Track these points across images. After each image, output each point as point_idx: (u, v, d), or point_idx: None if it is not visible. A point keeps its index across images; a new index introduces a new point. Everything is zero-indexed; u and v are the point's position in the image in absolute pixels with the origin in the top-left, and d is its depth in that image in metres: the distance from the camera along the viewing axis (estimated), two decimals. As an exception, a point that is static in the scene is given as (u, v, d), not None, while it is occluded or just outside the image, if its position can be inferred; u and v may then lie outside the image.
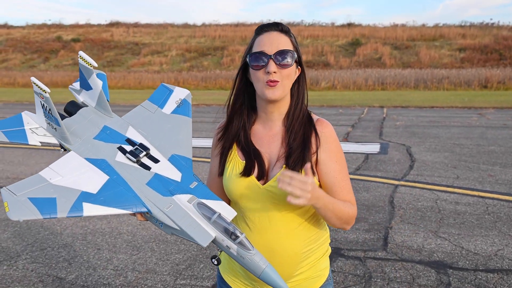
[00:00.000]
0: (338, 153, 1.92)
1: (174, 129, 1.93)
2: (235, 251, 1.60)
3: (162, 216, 1.63)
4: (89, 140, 1.84)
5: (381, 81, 35.75)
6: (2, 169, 9.23)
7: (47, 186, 1.62)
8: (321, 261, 2.01)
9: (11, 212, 1.50)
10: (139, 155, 1.77)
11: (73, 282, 4.40)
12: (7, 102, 27.72)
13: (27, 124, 1.92)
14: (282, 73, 1.82)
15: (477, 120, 16.49)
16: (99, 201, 1.61)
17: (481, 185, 7.64)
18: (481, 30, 50.77)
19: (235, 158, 1.93)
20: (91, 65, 1.83)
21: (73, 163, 1.74)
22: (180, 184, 1.72)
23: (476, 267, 4.62)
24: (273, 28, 1.87)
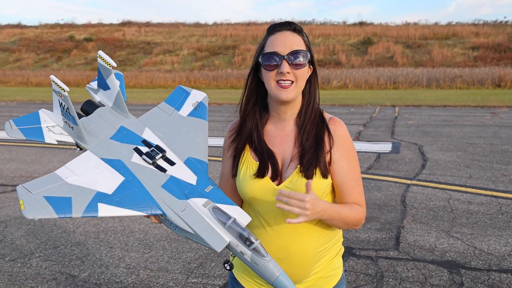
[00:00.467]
0: (350, 153, 1.91)
1: (190, 132, 1.92)
2: (249, 257, 1.60)
3: (177, 219, 1.62)
4: (105, 140, 1.83)
5: (393, 80, 35.54)
6: (16, 167, 9.30)
7: (63, 185, 1.62)
8: (335, 260, 2.01)
9: (27, 210, 1.51)
10: (155, 157, 1.77)
11: (86, 280, 4.44)
12: (21, 101, 27.90)
13: (44, 122, 1.92)
14: (295, 74, 1.81)
15: (490, 119, 16.35)
16: (114, 202, 1.61)
17: (494, 185, 7.59)
18: (494, 28, 50.28)
19: (248, 159, 1.92)
20: (110, 65, 1.83)
21: (89, 163, 1.74)
22: (196, 188, 1.71)
23: (489, 267, 4.59)
24: (286, 28, 1.86)
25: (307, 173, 1.81)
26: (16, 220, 6.13)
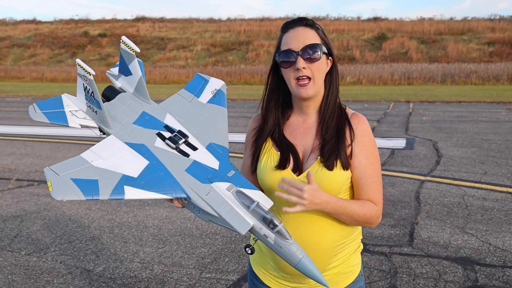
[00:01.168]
0: (370, 149, 1.91)
1: (211, 118, 1.94)
2: (272, 240, 1.60)
3: (201, 202, 1.63)
4: (128, 124, 1.85)
5: (407, 76, 35.34)
6: (31, 162, 9.38)
7: (89, 168, 1.63)
8: (353, 256, 2.01)
9: (55, 192, 1.52)
10: (178, 141, 1.78)
11: (101, 274, 4.47)
12: (36, 96, 28.10)
13: (67, 106, 1.94)
14: (312, 68, 1.83)
15: (506, 115, 16.21)
16: (140, 185, 1.62)
17: (509, 181, 7.53)
18: (511, 23, 49.74)
19: (270, 150, 1.94)
20: (133, 50, 1.83)
21: (114, 147, 1.75)
22: (218, 172, 1.72)
23: (504, 264, 4.57)
24: (298, 24, 1.87)
25: (327, 163, 1.81)
26: (32, 214, 6.19)
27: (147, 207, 6.47)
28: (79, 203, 6.65)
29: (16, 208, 6.47)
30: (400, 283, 4.21)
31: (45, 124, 15.16)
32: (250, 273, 2.17)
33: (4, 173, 8.49)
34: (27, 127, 14.62)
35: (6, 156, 10.05)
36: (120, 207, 6.46)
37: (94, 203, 6.65)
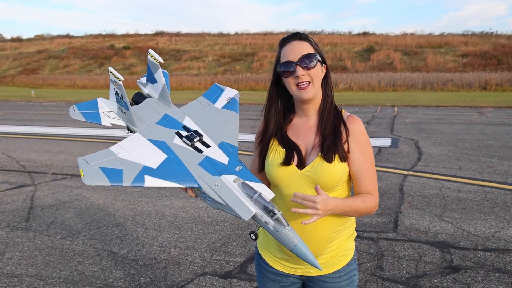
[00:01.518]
0: (365, 146, 1.92)
1: (224, 121, 1.97)
2: (272, 226, 1.61)
3: (211, 192, 1.66)
4: (152, 124, 1.88)
5: (392, 83, 35.26)
6: (65, 159, 9.40)
7: (116, 159, 1.67)
8: (347, 242, 2.01)
9: (86, 177, 1.56)
10: (193, 139, 1.81)
11: (125, 256, 4.48)
12: (69, 102, 28.22)
13: (101, 108, 1.98)
14: (310, 74, 1.84)
15: (478, 118, 16.15)
16: (158, 175, 1.65)
17: (480, 175, 7.50)
18: (481, 38, 49.60)
19: (276, 147, 1.95)
20: (158, 61, 1.87)
21: (138, 142, 1.79)
22: (227, 167, 1.74)
23: (476, 247, 4.55)
24: (293, 38, 1.88)
25: (327, 156, 1.83)
26: (65, 204, 6.21)
27: (165, 198, 6.47)
28: (106, 194, 6.67)
29: (52, 198, 6.49)
30: (386, 264, 4.20)
31: (80, 124, 15.24)
32: (257, 256, 2.17)
33: (42, 168, 8.52)
34: (62, 128, 14.67)
35: (44, 153, 10.08)
36: (141, 198, 6.47)
37: (118, 194, 6.67)
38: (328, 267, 1.97)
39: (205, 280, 3.95)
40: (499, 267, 4.10)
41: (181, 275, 4.04)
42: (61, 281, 3.94)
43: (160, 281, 3.93)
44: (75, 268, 4.21)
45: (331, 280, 1.99)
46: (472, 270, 4.04)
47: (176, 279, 3.97)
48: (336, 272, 1.99)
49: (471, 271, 4.03)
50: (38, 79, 47.82)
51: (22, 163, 8.96)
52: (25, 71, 52.96)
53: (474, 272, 4.01)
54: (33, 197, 6.55)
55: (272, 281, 2.08)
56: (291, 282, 2.05)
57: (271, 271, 2.07)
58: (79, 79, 45.69)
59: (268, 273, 2.09)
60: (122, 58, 54.60)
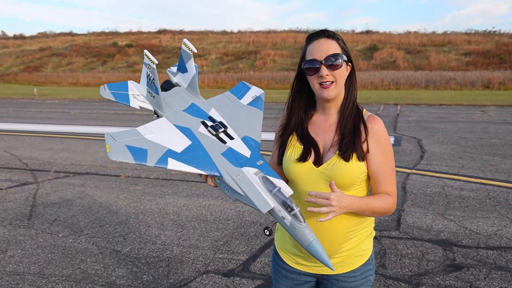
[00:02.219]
0: (386, 147, 1.89)
1: (248, 117, 1.98)
2: (288, 222, 1.61)
3: (231, 182, 1.66)
4: (179, 111, 1.90)
5: (395, 82, 35.19)
6: (67, 157, 9.42)
7: (141, 140, 1.68)
8: (365, 242, 2.00)
9: (111, 152, 1.58)
10: (218, 130, 1.82)
11: (128, 254, 4.48)
12: (72, 99, 28.27)
13: (131, 90, 2.01)
14: (334, 74, 1.82)
15: (480, 117, 16.11)
16: (182, 159, 1.66)
17: (483, 173, 7.49)
18: (484, 37, 49.48)
19: (294, 143, 1.95)
20: (191, 51, 1.89)
21: (164, 127, 1.81)
22: (249, 160, 1.75)
23: (478, 245, 4.54)
24: (321, 36, 1.86)
25: (345, 155, 1.81)
26: (68, 202, 6.22)
27: (168, 196, 6.48)
28: (109, 192, 6.67)
29: (54, 196, 6.50)
30: (388, 262, 4.20)
31: (83, 122, 15.27)
32: (274, 253, 2.17)
33: (44, 165, 8.53)
34: (64, 126, 14.69)
35: (46, 151, 10.09)
36: (144, 196, 6.47)
37: (121, 192, 6.67)
38: (343, 267, 1.96)
39: (207, 278, 3.96)
40: (501, 265, 4.10)
41: (183, 273, 4.05)
42: (64, 279, 3.95)
43: (163, 279, 3.94)
44: (78, 266, 4.22)
45: (346, 280, 1.97)
46: (475, 268, 4.04)
47: (179, 277, 3.97)
48: (351, 272, 1.97)
49: (473, 269, 4.02)
50: (40, 76, 47.87)
51: (24, 161, 8.98)
52: (28, 69, 53.00)
53: (476, 270, 4.01)
54: (36, 195, 6.56)
55: (286, 278, 2.08)
56: (305, 280, 2.05)
57: (286, 268, 2.07)
58: (82, 77, 45.70)
59: (282, 270, 2.09)
60: (125, 56, 54.60)
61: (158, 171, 7.95)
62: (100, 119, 16.63)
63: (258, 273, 4.02)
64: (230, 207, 5.90)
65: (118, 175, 7.73)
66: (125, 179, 7.50)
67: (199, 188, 6.82)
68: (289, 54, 49.69)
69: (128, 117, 17.14)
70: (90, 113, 19.08)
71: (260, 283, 3.85)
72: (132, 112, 18.91)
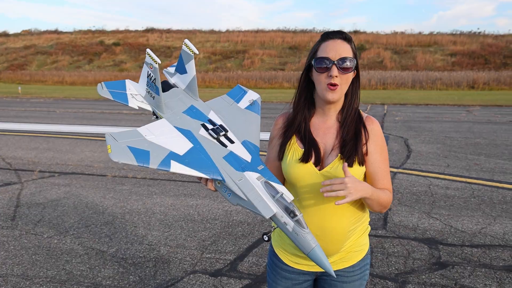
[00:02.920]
0: (382, 147, 1.93)
1: (246, 121, 1.97)
2: (291, 228, 1.60)
3: (233, 186, 1.65)
4: (178, 113, 1.87)
5: (382, 82, 35.44)
6: (53, 156, 9.32)
7: (143, 141, 1.65)
8: (362, 237, 2.02)
9: (113, 153, 1.54)
10: (219, 133, 1.80)
11: (114, 254, 4.45)
12: (57, 98, 28.00)
13: (129, 89, 1.98)
14: (342, 78, 1.82)
15: (465, 116, 16.30)
16: (184, 162, 1.64)
17: (468, 173, 7.57)
18: (469, 38, 50.10)
19: (294, 146, 1.93)
20: (193, 52, 1.86)
21: (165, 128, 1.78)
22: (250, 164, 1.74)
23: (463, 243, 4.59)
24: (338, 36, 1.84)
25: (348, 161, 1.82)
26: (53, 202, 6.16)
27: (155, 195, 6.45)
28: (95, 192, 6.62)
29: (39, 196, 6.44)
30: (375, 261, 4.22)
31: (68, 121, 15.13)
32: (270, 253, 2.16)
33: (29, 165, 8.43)
34: (49, 125, 14.54)
35: (30, 150, 9.98)
36: (131, 196, 6.43)
37: (107, 192, 6.63)
38: (343, 262, 1.98)
39: (195, 278, 3.94)
40: (486, 262, 4.15)
41: (170, 274, 4.03)
42: (48, 281, 3.91)
43: (150, 280, 3.92)
44: (63, 267, 4.18)
45: (345, 275, 2.00)
46: (460, 266, 4.08)
47: (166, 278, 3.96)
48: (351, 267, 2.00)
49: (458, 267, 4.06)
50: (25, 75, 47.34)
51: (8, 160, 8.87)
52: (12, 67, 52.38)
53: (461, 267, 4.05)
54: (20, 195, 6.48)
55: (285, 278, 2.07)
56: (304, 279, 2.05)
57: (285, 269, 2.06)
58: (67, 76, 45.32)
59: (281, 270, 2.08)
60: (112, 55, 54.26)
61: (145, 170, 7.91)
62: (86, 118, 16.50)
63: (246, 273, 4.02)
64: (217, 206, 5.89)
65: (105, 175, 7.67)
66: (111, 178, 7.45)
67: (186, 188, 6.80)
68: (277, 54, 49.79)
69: (115, 116, 17.03)
70: (76, 112, 18.92)
71: (247, 282, 3.85)
72: (119, 111, 18.80)
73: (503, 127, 13.33)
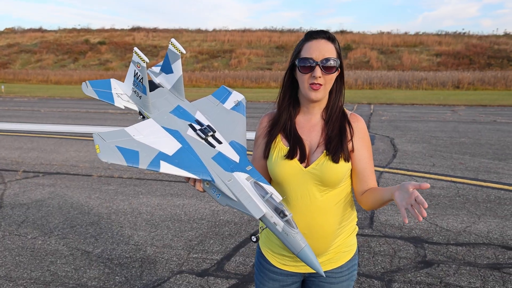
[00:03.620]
0: (368, 143, 1.94)
1: (233, 122, 1.96)
2: (280, 228, 1.59)
3: (223, 186, 1.64)
4: (165, 112, 1.86)
5: (369, 81, 35.66)
6: (37, 156, 9.23)
7: (131, 141, 1.63)
8: (350, 237, 2.02)
9: (102, 154, 1.52)
10: (207, 133, 1.79)
11: (99, 255, 4.42)
12: (41, 97, 27.71)
13: (114, 89, 1.95)
14: (326, 78, 1.82)
15: (451, 116, 16.46)
16: (174, 163, 1.63)
17: (453, 172, 7.65)
18: (454, 38, 50.65)
19: (280, 145, 1.93)
20: (180, 52, 1.84)
21: (152, 128, 1.76)
22: (239, 165, 1.73)
23: (448, 242, 4.64)
24: (321, 36, 1.84)
25: (334, 157, 1.82)
26: (37, 202, 6.10)
27: (141, 195, 6.42)
28: (80, 192, 6.57)
29: (23, 196, 6.37)
30: (361, 260, 4.25)
31: (52, 120, 14.97)
32: (258, 255, 2.15)
33: (12, 165, 8.34)
34: (33, 124, 14.39)
35: (14, 150, 9.87)
36: (117, 196, 6.39)
37: (93, 192, 6.58)
38: (332, 263, 1.98)
39: (181, 278, 3.93)
40: (470, 260, 4.19)
41: (157, 274, 4.01)
42: (32, 282, 3.87)
43: (136, 280, 3.90)
44: (47, 268, 4.14)
45: (334, 275, 1.99)
46: (445, 264, 4.12)
47: (152, 278, 3.94)
48: (339, 268, 2.00)
49: (443, 265, 4.10)
50: (8, 73, 46.75)
51: (-8, 160, 8.76)
52: (-5, 66, 51.73)
53: (446, 266, 4.09)
54: (3, 195, 6.40)
55: (272, 280, 2.06)
56: (292, 281, 2.05)
57: (273, 270, 2.05)
58: (52, 74, 44.87)
59: (269, 272, 2.07)
60: (97, 54, 53.85)
61: (131, 170, 7.86)
62: (71, 118, 16.35)
63: (233, 273, 4.02)
64: (204, 206, 5.88)
65: (90, 175, 7.61)
66: (97, 178, 7.39)
67: (173, 188, 6.78)
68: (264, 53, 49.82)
69: (101, 116, 16.90)
70: (61, 112, 18.73)
71: (234, 282, 3.84)
72: (105, 110, 18.66)
73: (487, 126, 13.50)
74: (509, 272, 3.97)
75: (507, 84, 32.60)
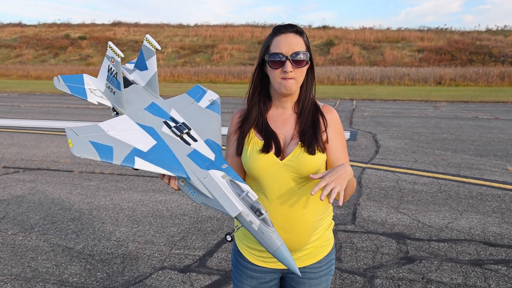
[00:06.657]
0: (341, 134, 1.96)
1: (208, 120, 1.95)
2: (256, 227, 1.58)
3: (199, 184, 1.62)
4: (140, 109, 1.84)
5: (351, 77, 35.80)
6: (17, 152, 9.10)
7: (105, 136, 1.61)
8: (327, 232, 2.03)
9: (75, 148, 1.49)
10: (182, 131, 1.77)
11: (81, 251, 4.38)
12: (21, 93, 27.24)
13: (87, 84, 1.91)
14: (296, 72, 1.82)
15: (433, 112, 16.63)
16: (148, 159, 1.61)
17: (435, 168, 7.74)
18: (436, 34, 51.09)
19: (253, 139, 1.92)
20: (154, 48, 1.81)
21: (127, 124, 1.74)
22: (214, 163, 1.72)
23: (430, 238, 4.69)
24: (289, 30, 1.83)
25: (309, 149, 1.82)
26: (18, 198, 6.01)
27: (123, 191, 6.36)
28: (61, 187, 6.49)
29: (3, 192, 6.26)
30: (344, 256, 4.27)
31: (33, 116, 14.74)
32: (235, 252, 2.13)
33: (-8, 161, 8.20)
34: (13, 119, 14.15)
35: (-6, 145, 9.71)
36: (98, 192, 6.33)
37: (74, 188, 6.50)
38: (311, 258, 1.98)
39: (163, 274, 3.91)
40: (452, 256, 4.25)
41: (139, 270, 3.98)
42: (13, 278, 3.81)
43: (118, 276, 3.86)
44: (28, 264, 4.08)
45: (312, 271, 2.00)
46: (427, 260, 4.17)
47: (134, 274, 3.91)
48: (317, 263, 2.00)
49: (425, 261, 4.15)
50: (-13, 68, 45.88)
51: (-30, 156, 8.59)
52: (-26, 60, 50.71)
53: (428, 262, 4.14)
54: (-17, 191, 6.29)
55: (250, 277, 2.05)
56: (271, 278, 2.04)
57: (251, 268, 2.04)
58: (32, 70, 44.12)
59: (247, 269, 2.05)
60: (78, 49, 53.10)
61: (112, 166, 7.79)
62: (52, 113, 16.12)
63: (215, 269, 4.01)
64: (186, 202, 5.85)
65: (71, 171, 7.52)
66: (78, 174, 7.31)
67: (155, 183, 6.73)
68: (246, 49, 49.68)
69: (82, 111, 16.70)
70: (41, 107, 18.46)
71: (217, 278, 3.84)
72: (86, 106, 18.43)
73: (469, 122, 13.67)
74: (491, 268, 4.03)
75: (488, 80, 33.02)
